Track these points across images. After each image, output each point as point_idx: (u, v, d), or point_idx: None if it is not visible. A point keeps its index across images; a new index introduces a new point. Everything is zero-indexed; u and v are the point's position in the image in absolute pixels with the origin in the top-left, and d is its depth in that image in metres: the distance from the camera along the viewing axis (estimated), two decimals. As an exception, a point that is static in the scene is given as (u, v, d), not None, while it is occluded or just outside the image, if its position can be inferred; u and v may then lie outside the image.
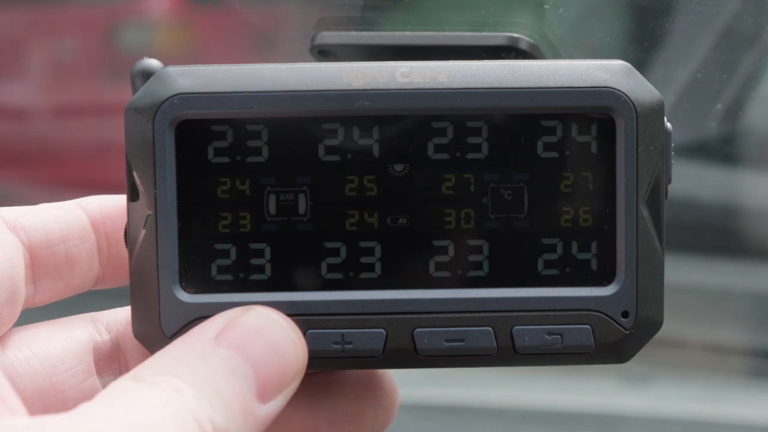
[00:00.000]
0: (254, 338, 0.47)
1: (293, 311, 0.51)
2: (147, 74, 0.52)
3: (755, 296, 1.33)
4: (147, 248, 0.51)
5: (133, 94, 0.52)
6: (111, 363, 0.55)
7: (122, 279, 0.55)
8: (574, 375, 1.24)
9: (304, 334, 0.51)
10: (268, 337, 0.48)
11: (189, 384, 0.44)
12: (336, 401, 0.54)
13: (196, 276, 0.51)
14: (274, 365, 0.47)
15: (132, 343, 0.55)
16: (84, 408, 0.43)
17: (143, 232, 0.51)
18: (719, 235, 1.26)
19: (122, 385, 0.45)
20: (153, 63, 0.52)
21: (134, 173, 0.51)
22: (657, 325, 0.52)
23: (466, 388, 1.13)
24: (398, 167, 0.52)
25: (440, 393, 1.11)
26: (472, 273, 0.52)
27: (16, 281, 0.50)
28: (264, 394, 0.46)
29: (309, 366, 0.52)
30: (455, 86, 0.51)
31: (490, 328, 0.51)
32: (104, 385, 0.54)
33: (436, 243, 0.52)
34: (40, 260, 0.52)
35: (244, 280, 0.52)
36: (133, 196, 0.51)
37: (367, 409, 0.55)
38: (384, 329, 0.51)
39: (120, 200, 0.54)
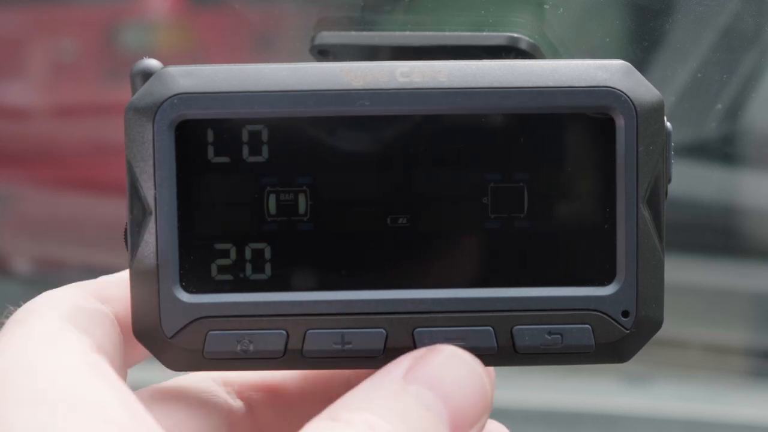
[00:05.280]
0: (443, 375, 0.48)
1: (293, 311, 0.51)
2: (146, 74, 0.52)
3: (755, 296, 1.33)
4: (147, 248, 0.51)
5: (133, 94, 0.51)
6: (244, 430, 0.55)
7: None
8: (574, 375, 1.24)
9: (304, 334, 0.51)
10: (456, 374, 0.48)
11: (384, 420, 0.45)
12: None
13: (196, 276, 0.51)
14: (465, 400, 0.47)
15: (267, 409, 0.55)
16: None
17: (143, 232, 0.51)
18: (719, 235, 1.26)
19: (320, 426, 0.45)
20: (152, 63, 0.52)
21: (134, 173, 0.51)
22: (657, 324, 0.52)
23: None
24: (398, 167, 0.52)
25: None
26: (473, 272, 0.52)
27: (121, 343, 0.51)
28: (457, 430, 0.47)
29: (309, 366, 0.52)
30: (455, 86, 0.51)
31: (490, 328, 0.51)
32: None
33: (436, 242, 0.52)
34: (123, 328, 0.52)
35: (245, 280, 0.52)
36: (133, 196, 0.51)
37: None
38: (384, 329, 0.51)
39: None
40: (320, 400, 0.47)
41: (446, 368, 0.48)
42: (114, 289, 0.52)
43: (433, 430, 0.46)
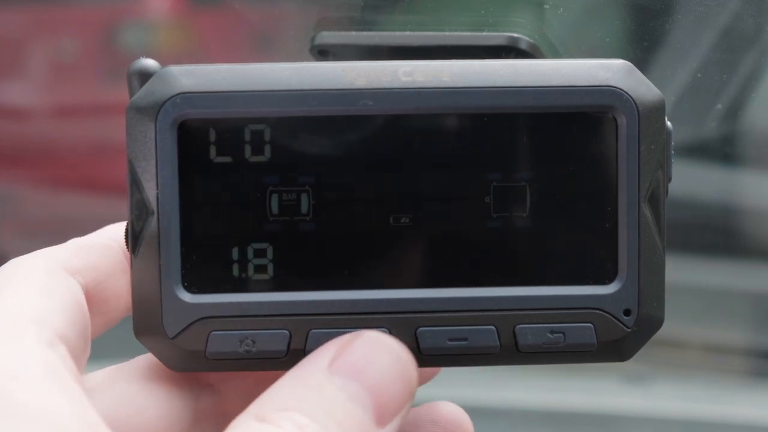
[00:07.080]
0: (367, 364, 0.48)
1: (296, 311, 0.51)
2: (143, 74, 0.51)
3: (755, 296, 1.33)
4: (149, 248, 0.51)
5: (130, 94, 0.51)
6: (209, 414, 0.55)
7: None
8: (574, 375, 1.24)
9: (307, 334, 0.51)
10: (380, 362, 0.48)
11: (311, 419, 0.45)
12: None
13: (198, 276, 0.51)
14: (389, 388, 0.47)
15: (233, 393, 0.55)
16: None
17: (145, 231, 0.51)
18: (719, 235, 1.27)
19: (247, 427, 0.45)
20: (150, 63, 0.52)
21: (136, 173, 0.51)
22: (658, 323, 0.52)
23: (466, 388, 1.13)
24: (400, 167, 0.52)
25: (440, 393, 1.11)
26: (475, 272, 0.52)
27: (87, 322, 0.50)
28: (382, 419, 0.47)
29: None
30: (458, 85, 0.51)
31: (493, 327, 0.51)
32: None
33: (439, 242, 0.52)
34: (92, 299, 0.52)
35: (247, 280, 0.52)
36: (134, 195, 0.51)
37: None
38: (387, 328, 0.51)
39: None
40: None
41: (370, 356, 0.48)
42: (83, 257, 0.52)
43: (360, 423, 0.46)
